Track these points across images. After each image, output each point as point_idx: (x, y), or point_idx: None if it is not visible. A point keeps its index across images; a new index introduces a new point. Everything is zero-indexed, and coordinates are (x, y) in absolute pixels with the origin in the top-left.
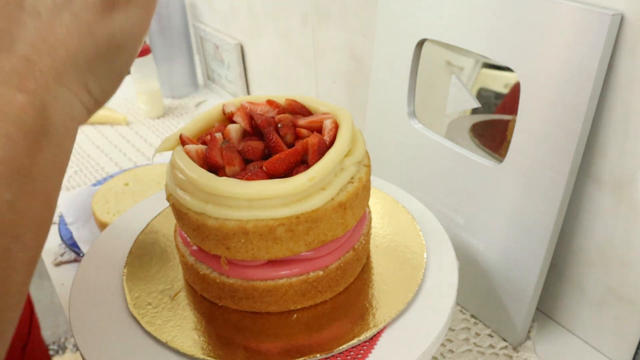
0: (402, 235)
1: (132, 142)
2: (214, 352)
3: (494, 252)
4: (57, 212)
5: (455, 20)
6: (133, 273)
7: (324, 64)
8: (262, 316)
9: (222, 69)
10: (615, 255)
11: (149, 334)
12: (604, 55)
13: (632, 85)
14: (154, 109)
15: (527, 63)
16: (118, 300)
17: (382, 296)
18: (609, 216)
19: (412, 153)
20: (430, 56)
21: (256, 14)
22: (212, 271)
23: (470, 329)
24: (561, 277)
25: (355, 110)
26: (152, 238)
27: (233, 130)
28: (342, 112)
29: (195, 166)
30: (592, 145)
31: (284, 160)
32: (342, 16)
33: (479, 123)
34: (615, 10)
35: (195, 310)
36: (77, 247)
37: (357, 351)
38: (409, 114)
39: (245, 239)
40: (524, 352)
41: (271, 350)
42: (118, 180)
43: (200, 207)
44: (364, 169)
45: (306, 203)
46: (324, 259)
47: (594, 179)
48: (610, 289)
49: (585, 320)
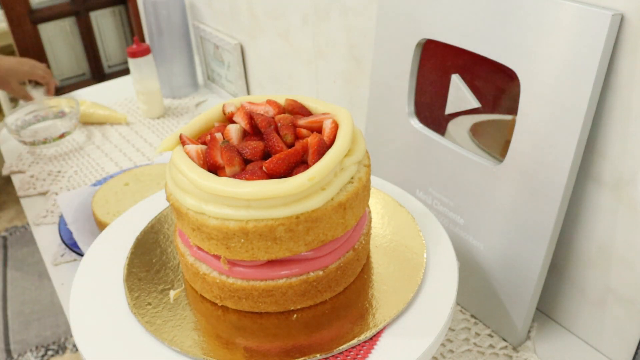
0: (402, 235)
1: (132, 142)
2: (214, 352)
3: (494, 252)
4: (57, 212)
5: (455, 20)
6: (133, 273)
7: (324, 64)
8: (262, 316)
9: (222, 69)
10: (615, 255)
11: (149, 334)
12: (604, 55)
13: (632, 85)
14: (154, 109)
15: (527, 63)
16: (118, 300)
17: (382, 296)
18: (609, 216)
19: (412, 153)
20: (430, 56)
21: (256, 14)
22: (212, 271)
23: (470, 329)
24: (561, 277)
25: (355, 110)
26: (152, 238)
27: (233, 130)
28: (342, 112)
29: (195, 166)
30: (592, 145)
31: (284, 160)
32: (342, 16)
33: (479, 123)
34: (615, 10)
35: (195, 310)
36: (77, 247)
37: (357, 351)
38: (409, 114)
39: (245, 239)
40: (524, 352)
41: (271, 350)
42: (118, 180)
43: (200, 207)
44: (364, 169)
45: (306, 203)
46: (323, 259)
47: (594, 179)
48: (610, 289)
49: (585, 320)
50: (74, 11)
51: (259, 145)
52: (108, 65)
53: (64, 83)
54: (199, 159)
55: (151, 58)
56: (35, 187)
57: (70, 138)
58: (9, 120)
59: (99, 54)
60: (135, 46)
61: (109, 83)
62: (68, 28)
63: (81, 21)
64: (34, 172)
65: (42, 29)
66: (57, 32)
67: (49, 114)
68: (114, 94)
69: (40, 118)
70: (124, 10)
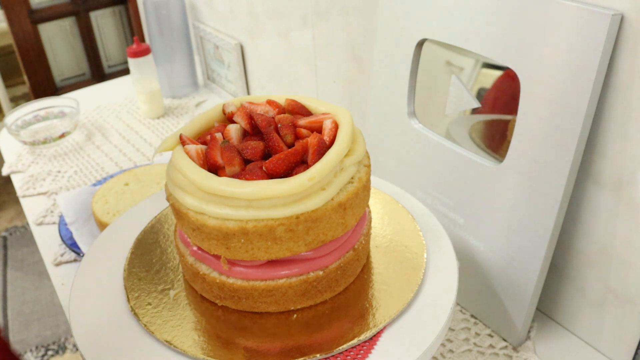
0: (402, 235)
1: (132, 142)
2: (214, 352)
3: (494, 252)
4: (57, 212)
5: (455, 20)
6: (133, 273)
7: (324, 64)
8: (262, 316)
9: (222, 69)
10: (615, 255)
11: (149, 334)
12: (604, 55)
13: (632, 85)
14: (154, 109)
15: (527, 63)
16: (118, 300)
17: (382, 296)
18: (609, 216)
19: (412, 153)
20: (430, 56)
21: (256, 14)
22: (212, 271)
23: (470, 329)
24: (561, 277)
25: (355, 110)
26: (152, 238)
27: (233, 130)
28: (342, 112)
29: (195, 166)
30: (592, 145)
31: (284, 160)
32: (342, 16)
33: (479, 123)
34: (615, 10)
35: (195, 310)
36: (77, 247)
37: (357, 351)
38: (409, 114)
39: (245, 239)
40: (524, 352)
41: (271, 350)
42: (118, 180)
43: (200, 207)
44: (364, 169)
45: (306, 203)
46: (323, 259)
47: (594, 179)
48: (610, 289)
49: (585, 320)
50: (74, 11)
51: (259, 145)
52: (108, 65)
53: (64, 83)
54: (199, 159)
55: (151, 58)
56: (35, 187)
57: (70, 138)
58: (9, 120)
59: (99, 54)
60: (135, 46)
61: (109, 83)
62: (68, 28)
63: (81, 21)
64: (34, 172)
65: (42, 29)
66: (57, 32)
67: (49, 114)
68: (114, 94)
69: (40, 118)
70: (124, 10)
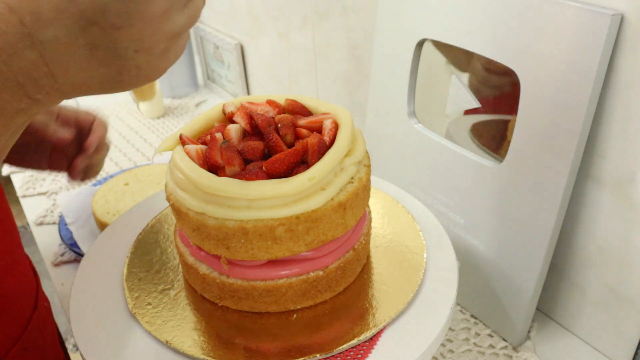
0: (402, 235)
1: (132, 142)
2: (214, 352)
3: (494, 252)
4: (57, 212)
5: (455, 20)
6: (133, 273)
7: (324, 64)
8: (262, 316)
9: (222, 69)
10: (615, 255)
11: (149, 334)
12: (604, 55)
13: (632, 85)
14: (154, 109)
15: (527, 63)
16: (118, 300)
17: (382, 296)
18: (609, 216)
19: (412, 153)
20: (430, 56)
21: (256, 14)
22: (212, 271)
23: (470, 329)
24: (561, 277)
25: (355, 110)
26: (152, 238)
27: (233, 130)
28: (342, 112)
29: (195, 166)
30: (592, 145)
31: (284, 160)
32: (342, 16)
33: (479, 123)
34: (615, 10)
35: (195, 310)
36: (77, 247)
37: (357, 351)
38: (409, 114)
39: (245, 239)
40: (524, 352)
41: (271, 350)
42: (118, 180)
43: (200, 207)
44: (364, 169)
45: (306, 203)
46: (323, 259)
47: (594, 179)
48: (610, 289)
49: (585, 320)
50: None
51: (259, 145)
52: None
53: None
54: (199, 159)
55: None
56: (35, 187)
57: None
58: None
59: None
60: None
61: None
62: None
63: None
64: (34, 172)
65: None
66: None
67: None
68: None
69: None
70: None
